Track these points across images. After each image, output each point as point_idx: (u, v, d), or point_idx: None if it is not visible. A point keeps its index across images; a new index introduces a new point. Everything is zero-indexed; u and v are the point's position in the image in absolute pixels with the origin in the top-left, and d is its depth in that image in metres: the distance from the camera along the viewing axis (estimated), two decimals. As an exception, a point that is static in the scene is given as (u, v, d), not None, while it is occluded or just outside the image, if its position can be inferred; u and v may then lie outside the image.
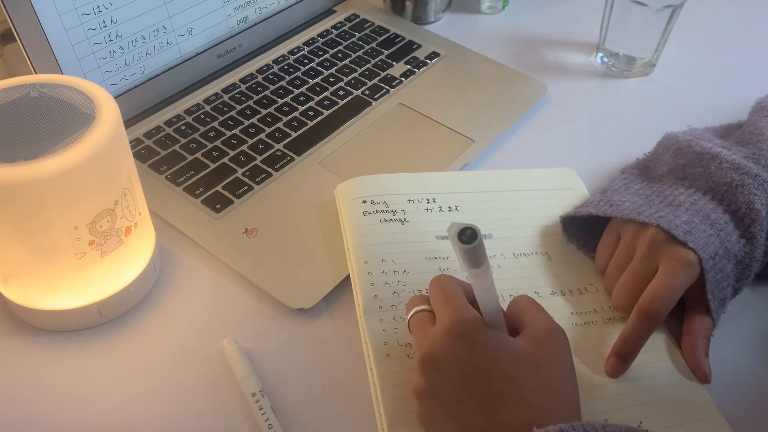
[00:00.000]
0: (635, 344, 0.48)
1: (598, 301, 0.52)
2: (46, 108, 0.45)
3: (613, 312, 0.52)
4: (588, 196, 0.60)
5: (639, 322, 0.48)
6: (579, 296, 0.53)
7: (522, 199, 0.59)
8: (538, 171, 0.62)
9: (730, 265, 0.50)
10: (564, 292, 0.53)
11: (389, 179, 0.58)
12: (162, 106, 0.68)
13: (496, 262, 0.54)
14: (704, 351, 0.48)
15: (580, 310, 0.52)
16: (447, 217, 0.56)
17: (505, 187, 0.60)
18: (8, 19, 0.55)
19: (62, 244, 0.45)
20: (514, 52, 0.78)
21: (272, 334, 0.51)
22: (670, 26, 0.72)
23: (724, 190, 0.52)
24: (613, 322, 0.51)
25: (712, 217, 0.50)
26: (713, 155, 0.53)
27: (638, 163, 0.61)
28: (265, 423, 0.45)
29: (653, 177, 0.58)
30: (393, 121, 0.68)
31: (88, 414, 0.46)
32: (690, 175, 0.54)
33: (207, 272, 0.55)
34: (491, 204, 0.58)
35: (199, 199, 0.59)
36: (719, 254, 0.49)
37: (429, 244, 0.54)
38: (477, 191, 0.59)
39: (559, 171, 0.62)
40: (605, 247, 0.54)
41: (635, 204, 0.53)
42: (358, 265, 0.52)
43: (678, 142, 0.57)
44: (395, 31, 0.79)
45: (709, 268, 0.48)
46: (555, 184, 0.61)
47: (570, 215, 0.56)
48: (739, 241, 0.50)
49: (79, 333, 0.51)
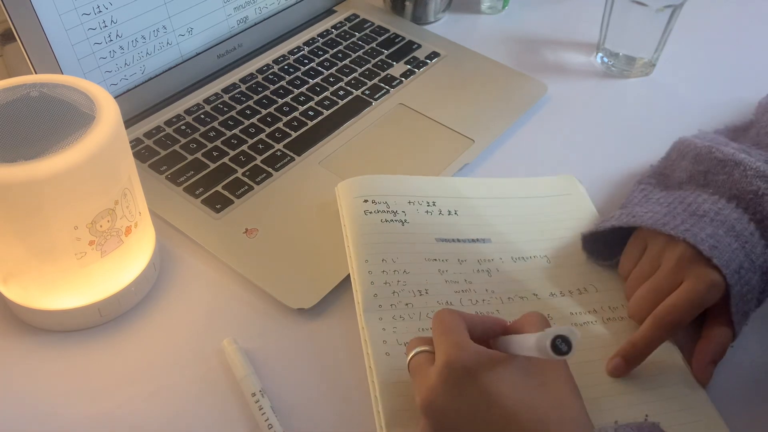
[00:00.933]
0: (643, 350, 0.47)
1: (598, 301, 0.52)
2: (46, 108, 0.45)
3: (613, 312, 0.52)
4: (589, 202, 0.59)
5: (652, 329, 0.47)
6: (579, 296, 0.53)
7: (521, 205, 0.59)
8: (538, 178, 0.62)
9: (756, 278, 0.49)
10: (563, 293, 0.53)
11: (390, 180, 0.58)
12: (162, 106, 0.68)
13: (494, 266, 0.54)
14: (713, 357, 0.48)
15: (580, 310, 0.52)
16: (446, 220, 0.56)
17: (505, 193, 0.60)
18: (8, 19, 0.55)
19: (62, 244, 0.45)
20: (514, 52, 0.78)
21: (272, 334, 0.51)
22: (670, 26, 0.72)
23: (749, 199, 0.50)
24: (613, 322, 0.51)
25: (738, 228, 0.49)
26: (736, 162, 0.52)
27: (654, 171, 0.59)
28: (265, 423, 0.45)
29: (672, 185, 0.56)
30: (393, 121, 0.68)
31: (88, 414, 0.46)
32: (712, 182, 0.53)
33: (207, 272, 0.55)
34: (490, 210, 0.58)
35: (199, 199, 0.59)
36: (744, 267, 0.48)
37: (429, 246, 0.54)
38: (476, 197, 0.59)
39: (559, 178, 0.62)
40: (629, 257, 0.53)
41: (659, 214, 0.52)
42: (359, 263, 0.52)
43: (697, 148, 0.55)
44: (395, 31, 0.79)
45: (734, 283, 0.47)
46: (555, 191, 0.61)
47: (592, 231, 0.55)
48: (765, 252, 0.49)
49: (79, 333, 0.51)
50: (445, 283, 0.52)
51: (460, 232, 0.56)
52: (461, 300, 0.51)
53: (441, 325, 0.42)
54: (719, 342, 0.48)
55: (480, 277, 0.53)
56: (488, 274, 0.53)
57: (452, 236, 0.55)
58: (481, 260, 0.54)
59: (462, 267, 0.54)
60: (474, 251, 0.55)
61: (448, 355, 0.40)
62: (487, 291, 0.52)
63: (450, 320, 0.42)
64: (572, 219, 0.58)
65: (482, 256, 0.55)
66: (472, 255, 0.54)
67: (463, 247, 0.55)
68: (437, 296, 0.51)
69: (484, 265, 0.54)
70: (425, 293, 0.51)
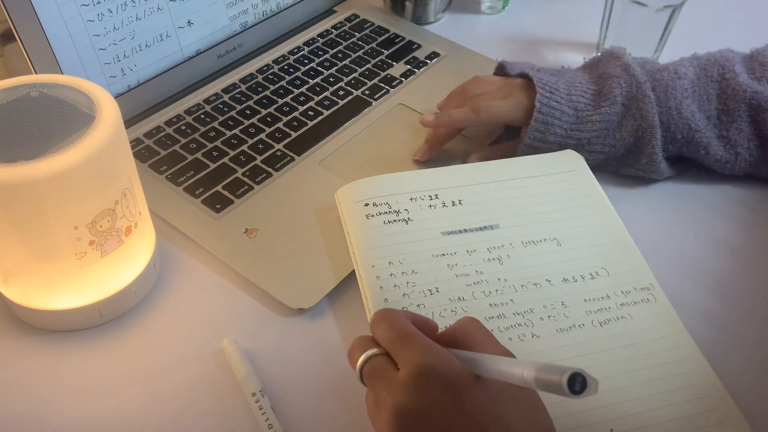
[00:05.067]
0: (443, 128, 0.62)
1: (611, 286, 0.52)
2: (46, 108, 0.45)
3: (626, 296, 0.52)
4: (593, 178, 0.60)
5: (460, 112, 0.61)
6: (591, 281, 0.53)
7: (526, 185, 0.58)
8: (541, 156, 0.61)
9: (568, 109, 0.59)
10: (576, 278, 0.53)
11: (389, 179, 0.58)
12: (162, 106, 0.68)
13: (505, 252, 0.54)
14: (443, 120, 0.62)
15: (593, 297, 0.52)
16: (451, 212, 0.56)
17: (508, 175, 0.59)
18: (8, 19, 0.55)
19: (62, 244, 0.45)
20: (514, 52, 0.78)
21: (272, 334, 0.51)
22: (670, 26, 0.72)
23: (605, 78, 0.61)
24: (626, 306, 0.51)
25: (574, 78, 0.61)
26: (618, 56, 0.62)
27: None
28: (265, 423, 0.45)
29: None
30: (393, 121, 0.68)
31: (88, 414, 0.46)
32: (593, 65, 0.64)
33: (207, 272, 0.55)
34: (495, 194, 0.57)
35: (199, 199, 0.59)
36: (560, 91, 0.59)
37: (435, 241, 0.54)
38: (479, 182, 0.58)
39: (562, 154, 0.61)
40: None
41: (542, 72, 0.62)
42: (365, 269, 0.52)
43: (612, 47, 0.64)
44: (395, 31, 0.79)
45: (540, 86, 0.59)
46: (559, 168, 0.60)
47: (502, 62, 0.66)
48: (588, 106, 0.60)
49: (79, 333, 0.51)
50: (455, 278, 0.52)
51: (466, 221, 0.55)
52: (473, 293, 0.51)
53: (393, 327, 0.40)
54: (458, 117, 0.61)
55: (491, 266, 0.53)
56: (499, 262, 0.53)
57: (459, 227, 0.55)
58: (491, 248, 0.54)
59: (471, 258, 0.53)
60: (483, 239, 0.54)
61: (421, 364, 0.37)
62: (500, 280, 0.52)
63: (402, 322, 0.40)
64: (579, 197, 0.58)
65: (492, 243, 0.54)
66: (481, 243, 0.54)
67: (471, 237, 0.54)
68: (448, 293, 0.51)
69: (494, 253, 0.54)
70: (436, 291, 0.51)
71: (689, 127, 0.59)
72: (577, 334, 0.49)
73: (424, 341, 0.39)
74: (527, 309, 0.51)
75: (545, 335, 0.49)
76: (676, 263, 0.56)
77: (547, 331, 0.50)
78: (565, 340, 0.49)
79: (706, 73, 0.61)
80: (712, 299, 0.54)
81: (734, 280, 0.55)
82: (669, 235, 0.59)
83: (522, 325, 0.50)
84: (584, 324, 0.50)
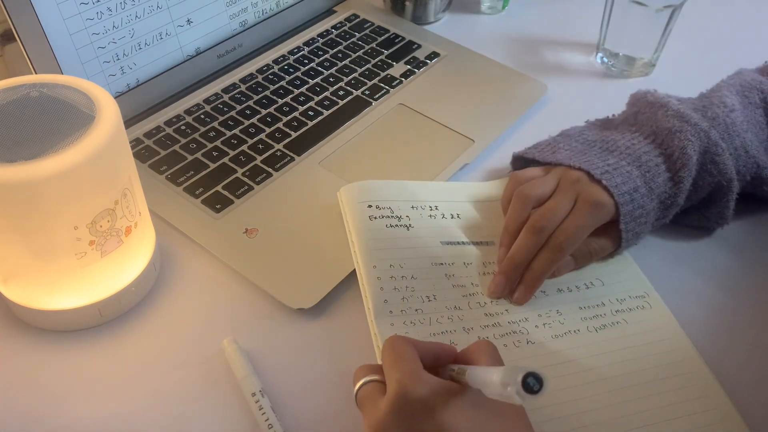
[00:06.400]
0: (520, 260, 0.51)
1: (605, 294, 0.53)
2: (46, 108, 0.45)
3: (621, 304, 0.52)
4: None
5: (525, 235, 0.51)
6: (585, 291, 0.53)
7: None
8: None
9: (653, 204, 0.53)
10: (570, 288, 0.53)
11: (393, 185, 0.58)
12: (162, 106, 0.68)
13: None
14: None
15: (588, 304, 0.52)
16: (449, 223, 0.56)
17: None
18: (8, 19, 0.54)
19: (62, 244, 0.45)
20: (514, 52, 0.78)
21: (272, 334, 0.51)
22: (670, 26, 0.72)
23: (664, 135, 0.54)
24: (622, 313, 0.51)
25: (643, 159, 0.54)
26: (663, 104, 0.56)
27: (604, 118, 0.62)
28: (265, 423, 0.45)
29: (610, 127, 0.60)
30: (393, 121, 0.68)
31: (88, 414, 0.46)
32: (639, 121, 0.57)
33: (207, 272, 0.55)
34: (492, 212, 0.58)
35: (199, 199, 0.59)
36: (640, 192, 0.52)
37: (434, 250, 0.54)
38: (477, 200, 0.59)
39: None
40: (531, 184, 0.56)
41: (574, 150, 0.56)
42: (367, 269, 0.52)
43: (637, 93, 0.59)
44: (395, 31, 0.79)
45: (623, 203, 0.51)
46: None
47: (519, 155, 0.60)
48: (667, 183, 0.53)
49: (79, 333, 0.51)
50: (452, 288, 0.52)
51: (463, 235, 0.56)
52: (469, 303, 0.52)
53: (392, 353, 0.40)
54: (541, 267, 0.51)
55: (486, 280, 0.53)
56: None
57: (457, 239, 0.56)
58: (486, 263, 0.54)
59: (468, 270, 0.54)
60: (479, 254, 0.55)
61: (401, 385, 0.38)
62: None
63: (401, 348, 0.40)
64: None
65: (487, 258, 0.55)
66: (477, 257, 0.55)
67: (468, 250, 0.55)
68: (445, 301, 0.51)
69: (489, 268, 0.54)
70: (434, 299, 0.51)
71: (757, 165, 0.56)
72: (573, 339, 0.50)
73: (409, 366, 0.39)
74: (522, 318, 0.51)
75: (540, 341, 0.50)
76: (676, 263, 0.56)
77: (542, 337, 0.50)
78: (560, 345, 0.49)
79: (749, 101, 0.57)
80: (713, 299, 0.54)
81: (734, 280, 0.56)
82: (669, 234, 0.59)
83: (517, 332, 0.50)
84: (579, 329, 0.50)
